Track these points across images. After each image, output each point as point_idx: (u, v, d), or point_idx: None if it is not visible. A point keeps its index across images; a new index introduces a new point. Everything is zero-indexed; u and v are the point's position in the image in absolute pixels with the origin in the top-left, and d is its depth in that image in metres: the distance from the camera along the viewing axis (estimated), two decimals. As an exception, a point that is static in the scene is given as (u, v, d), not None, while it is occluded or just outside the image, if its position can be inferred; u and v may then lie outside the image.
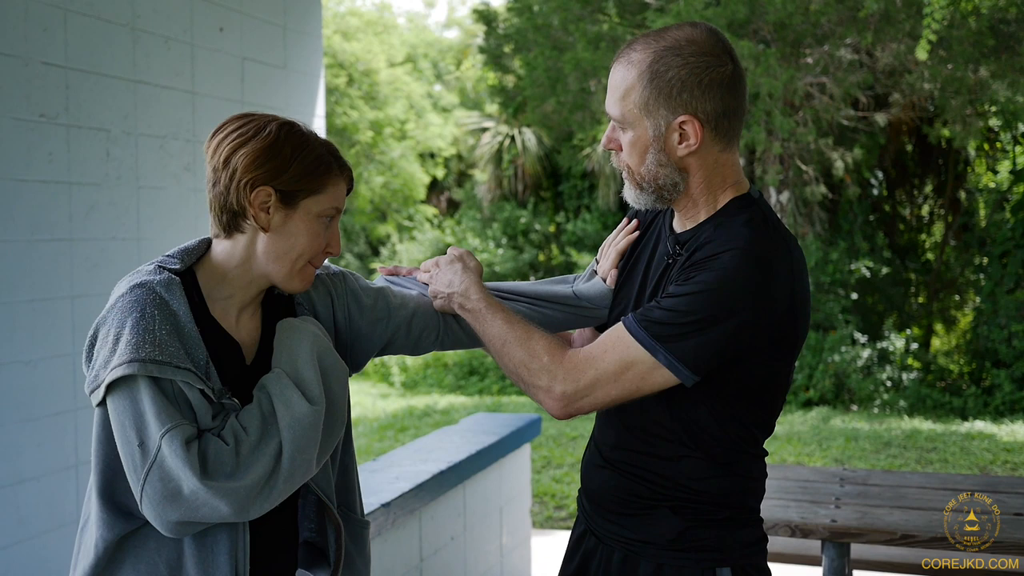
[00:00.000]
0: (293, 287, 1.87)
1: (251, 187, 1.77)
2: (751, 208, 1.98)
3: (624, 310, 2.12)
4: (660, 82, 1.89)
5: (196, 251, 1.86)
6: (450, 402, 14.63)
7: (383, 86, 22.88)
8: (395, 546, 3.50)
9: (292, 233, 1.82)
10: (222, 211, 1.80)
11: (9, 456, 3.45)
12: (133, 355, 1.65)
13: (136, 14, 3.98)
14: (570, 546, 2.23)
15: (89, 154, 3.78)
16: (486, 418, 4.93)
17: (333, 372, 1.83)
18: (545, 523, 7.30)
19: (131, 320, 1.69)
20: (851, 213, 16.63)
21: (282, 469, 1.71)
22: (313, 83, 5.18)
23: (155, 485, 1.64)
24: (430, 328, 2.10)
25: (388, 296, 2.07)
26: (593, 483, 2.15)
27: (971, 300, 17.14)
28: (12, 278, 3.48)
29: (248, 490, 1.67)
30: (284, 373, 1.78)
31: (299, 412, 1.74)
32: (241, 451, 1.69)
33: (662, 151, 1.94)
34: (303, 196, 1.81)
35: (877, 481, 4.19)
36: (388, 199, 23.43)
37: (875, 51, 12.35)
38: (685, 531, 1.99)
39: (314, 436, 1.75)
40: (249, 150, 1.76)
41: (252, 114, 1.84)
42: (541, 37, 13.02)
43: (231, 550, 1.78)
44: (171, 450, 1.63)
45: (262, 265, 1.83)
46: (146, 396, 1.66)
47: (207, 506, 1.65)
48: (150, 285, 1.73)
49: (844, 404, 14.33)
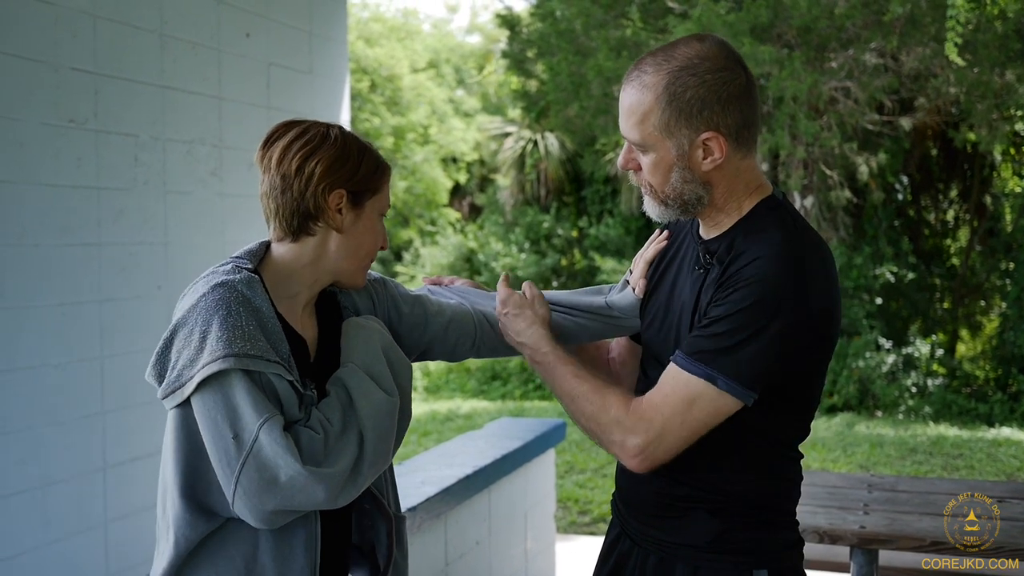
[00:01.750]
0: (358, 282, 1.98)
1: (328, 190, 1.85)
2: (777, 211, 1.99)
3: (657, 319, 2.13)
4: (679, 103, 1.89)
5: (258, 253, 1.92)
6: (473, 407, 14.63)
7: (406, 91, 22.95)
8: (421, 550, 3.50)
9: (361, 231, 1.92)
10: (293, 215, 1.87)
11: (37, 459, 3.47)
12: (227, 350, 1.69)
13: (164, 20, 4.01)
14: (604, 549, 2.24)
15: (117, 159, 3.80)
16: (511, 423, 4.93)
17: (400, 365, 1.92)
18: (569, 528, 7.29)
19: (218, 317, 1.73)
20: (876, 218, 16.54)
21: (366, 456, 1.78)
22: (338, 88, 5.19)
23: (251, 476, 1.68)
24: (466, 336, 2.16)
25: (426, 304, 2.14)
26: (629, 487, 2.15)
27: (997, 305, 17.00)
28: (41, 282, 3.50)
29: (340, 475, 1.73)
30: (357, 367, 1.85)
31: (377, 401, 1.82)
32: (329, 440, 1.75)
33: (687, 168, 1.94)
34: (368, 196, 1.92)
35: (905, 487, 4.16)
36: (411, 204, 23.49)
37: (900, 55, 12.28)
38: (722, 533, 1.98)
39: (391, 424, 1.84)
40: (323, 156, 1.85)
41: (300, 121, 1.92)
42: (564, 42, 13.01)
43: (307, 542, 1.83)
44: (270, 439, 1.67)
45: (333, 263, 1.92)
46: (240, 389, 1.70)
47: (304, 492, 1.69)
48: (232, 284, 1.78)
49: (869, 410, 14.24)
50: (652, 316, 2.15)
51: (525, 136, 21.79)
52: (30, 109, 3.45)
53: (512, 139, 22.12)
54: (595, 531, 7.23)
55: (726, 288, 1.89)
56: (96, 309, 3.72)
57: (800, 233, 1.94)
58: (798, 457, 2.08)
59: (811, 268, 1.88)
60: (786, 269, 1.85)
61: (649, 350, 2.17)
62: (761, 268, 1.85)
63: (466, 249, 22.29)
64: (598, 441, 1.97)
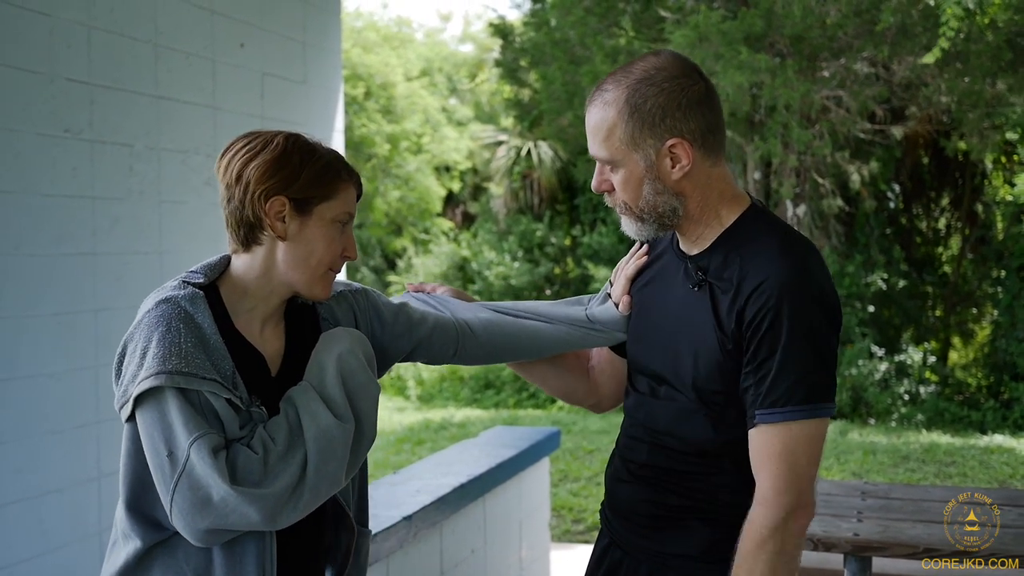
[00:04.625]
0: (316, 294, 1.91)
1: (265, 197, 1.81)
2: (762, 219, 2.01)
3: (647, 336, 2.13)
4: (641, 113, 1.92)
5: (218, 267, 1.89)
6: (466, 415, 14.62)
7: (400, 100, 22.95)
8: (416, 559, 3.50)
9: (309, 240, 1.86)
10: (239, 225, 1.84)
11: (33, 468, 3.48)
12: (160, 367, 1.68)
13: (158, 31, 4.02)
14: (594, 559, 2.23)
15: (112, 169, 3.81)
16: (505, 431, 4.94)
17: (363, 391, 1.85)
18: (563, 536, 7.29)
19: (157, 334, 1.72)
20: (867, 226, 16.58)
21: (307, 479, 1.73)
22: (333, 98, 5.21)
23: (184, 494, 1.66)
24: (448, 344, 2.15)
25: (408, 312, 2.12)
26: (620, 497, 2.15)
27: (989, 313, 17.04)
28: (36, 292, 3.50)
29: (276, 497, 1.69)
30: (311, 386, 1.81)
31: (324, 425, 1.76)
32: (269, 460, 1.71)
33: (657, 179, 1.96)
34: (316, 202, 1.85)
35: (899, 495, 4.17)
36: (404, 213, 23.47)
37: (891, 64, 12.33)
38: (716, 543, 1.99)
39: (340, 450, 1.78)
40: (260, 162, 1.81)
41: (258, 131, 1.90)
42: (558, 51, 13.03)
43: (259, 559, 1.79)
44: (199, 457, 1.66)
45: (283, 274, 1.87)
46: (173, 407, 1.69)
47: (236, 513, 1.67)
48: (175, 300, 1.77)
49: (861, 417, 14.26)
50: (641, 333, 2.16)
51: (517, 144, 21.81)
52: (26, 120, 3.46)
53: (505, 148, 22.15)
54: (589, 539, 7.23)
55: (759, 326, 1.88)
56: (91, 319, 3.72)
57: (792, 236, 1.97)
58: None
59: (814, 266, 1.92)
60: (804, 280, 1.89)
61: (636, 365, 2.17)
62: (783, 290, 1.87)
63: (459, 258, 22.29)
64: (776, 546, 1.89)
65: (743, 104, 11.27)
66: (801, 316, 1.85)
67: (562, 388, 2.43)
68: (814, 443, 1.87)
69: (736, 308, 1.91)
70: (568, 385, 2.42)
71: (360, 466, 1.98)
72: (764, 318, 1.87)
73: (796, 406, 1.84)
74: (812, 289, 1.88)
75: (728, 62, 10.75)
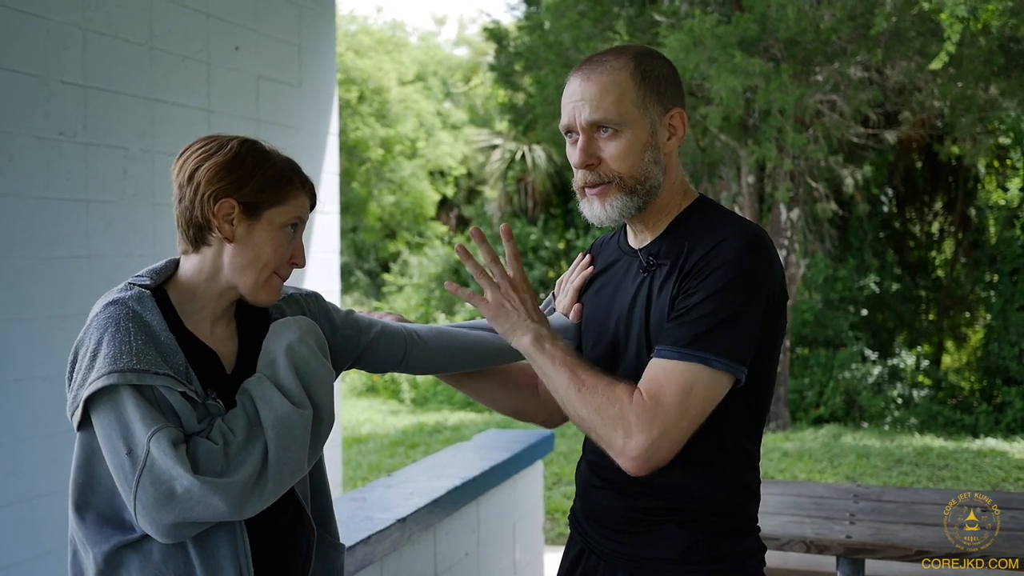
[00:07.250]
0: (259, 299, 1.91)
1: (214, 199, 1.82)
2: (714, 207, 2.05)
3: (597, 337, 2.13)
4: (651, 79, 1.96)
5: (165, 271, 1.90)
6: (460, 419, 14.61)
7: (394, 104, 22.97)
8: (410, 561, 3.50)
9: (256, 243, 1.87)
10: (188, 225, 1.86)
11: (25, 471, 3.47)
12: (111, 367, 1.69)
13: (153, 34, 4.02)
14: (564, 568, 2.20)
15: (106, 172, 3.81)
16: (499, 434, 4.93)
17: (317, 377, 1.86)
18: (557, 539, 7.29)
19: (107, 335, 1.73)
20: (861, 230, 16.63)
21: (270, 467, 1.74)
22: (327, 101, 5.21)
23: (147, 490, 1.66)
24: (396, 348, 2.16)
25: (357, 316, 2.16)
26: (593, 503, 2.13)
27: (982, 317, 17.08)
28: (30, 294, 3.50)
29: (241, 486, 1.70)
30: (264, 376, 1.82)
31: (282, 412, 1.77)
32: (230, 450, 1.72)
33: (656, 148, 1.98)
34: (266, 207, 1.86)
35: (891, 498, 4.18)
36: (398, 217, 23.47)
37: (885, 69, 12.35)
38: (693, 544, 1.97)
39: (300, 436, 1.79)
40: (212, 164, 1.83)
41: (217, 135, 1.91)
42: (552, 55, 13.05)
43: (232, 552, 1.80)
44: (160, 451, 1.65)
45: (229, 276, 1.88)
46: (129, 404, 1.69)
47: (201, 504, 1.67)
48: (122, 301, 1.79)
49: (855, 421, 14.28)
50: (596, 337, 2.14)
51: (511, 148, 21.84)
52: (21, 122, 3.46)
53: (499, 152, 22.18)
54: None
55: (696, 276, 1.89)
56: (84, 322, 3.71)
57: (743, 222, 1.97)
58: (757, 461, 2.07)
59: (768, 248, 1.93)
60: (752, 247, 1.89)
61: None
62: (730, 248, 1.87)
63: (453, 261, 22.30)
64: (596, 438, 1.88)
65: (737, 108, 11.29)
66: (747, 284, 1.85)
67: (511, 406, 2.41)
68: (695, 396, 1.81)
69: (680, 273, 1.92)
70: (517, 403, 2.41)
71: (319, 455, 1.98)
72: (704, 272, 1.87)
73: (696, 350, 1.82)
74: (764, 268, 1.89)
75: (722, 66, 10.76)
